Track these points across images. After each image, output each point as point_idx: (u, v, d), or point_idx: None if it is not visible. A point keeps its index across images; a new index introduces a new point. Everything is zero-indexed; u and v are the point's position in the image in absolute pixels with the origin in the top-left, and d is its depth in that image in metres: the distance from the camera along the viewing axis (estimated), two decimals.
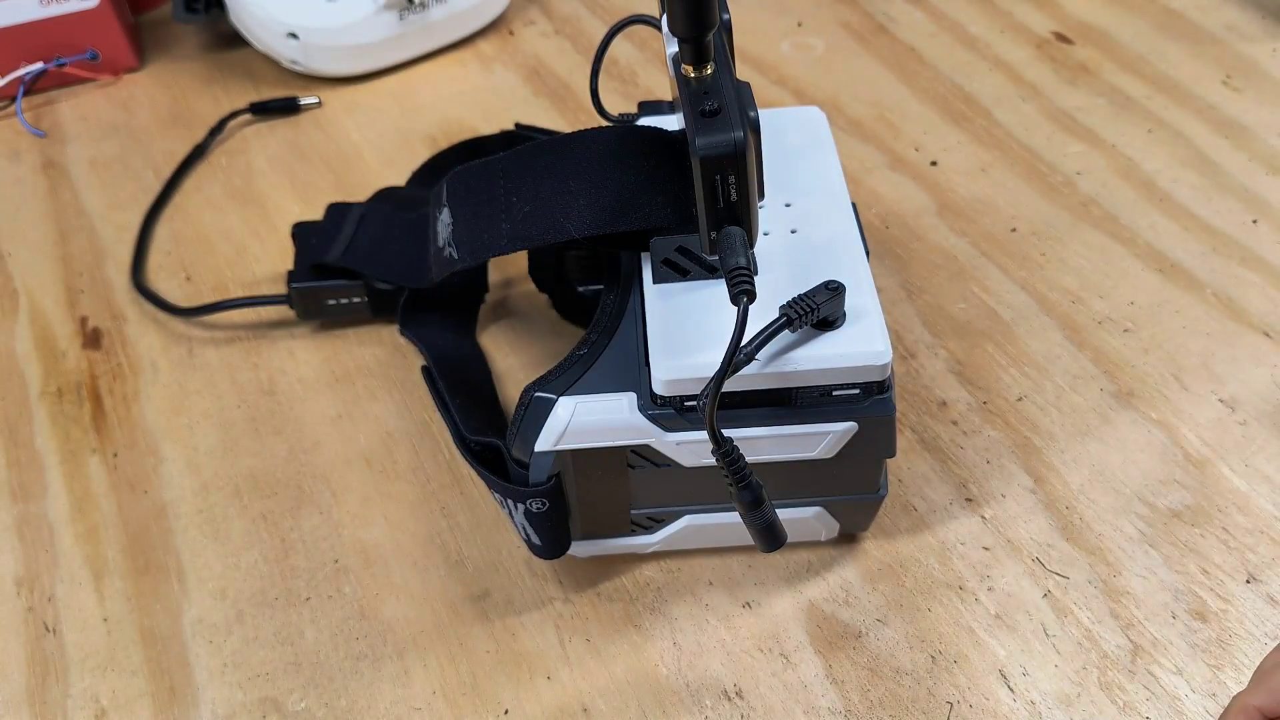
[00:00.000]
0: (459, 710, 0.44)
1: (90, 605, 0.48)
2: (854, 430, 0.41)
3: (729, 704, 0.44)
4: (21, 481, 0.53)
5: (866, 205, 0.64)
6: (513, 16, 0.81)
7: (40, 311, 0.61)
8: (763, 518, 0.39)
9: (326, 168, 0.69)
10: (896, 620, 0.46)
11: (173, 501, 0.52)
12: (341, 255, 0.57)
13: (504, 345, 0.58)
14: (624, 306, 0.44)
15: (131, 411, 0.56)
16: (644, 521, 0.46)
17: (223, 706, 0.45)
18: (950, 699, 0.43)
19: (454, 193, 0.48)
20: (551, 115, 0.72)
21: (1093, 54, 0.74)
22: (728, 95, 0.38)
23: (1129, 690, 0.43)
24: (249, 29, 0.74)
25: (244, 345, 0.59)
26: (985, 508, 0.50)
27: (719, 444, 0.37)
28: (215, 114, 0.73)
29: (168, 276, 0.63)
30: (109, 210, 0.67)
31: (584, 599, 0.47)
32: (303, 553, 0.50)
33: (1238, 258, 0.60)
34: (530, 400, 0.42)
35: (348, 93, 0.75)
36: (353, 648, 0.46)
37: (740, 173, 0.37)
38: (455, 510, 0.51)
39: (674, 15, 0.36)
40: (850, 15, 0.79)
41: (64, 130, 0.73)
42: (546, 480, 0.43)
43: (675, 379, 0.40)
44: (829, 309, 0.40)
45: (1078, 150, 0.67)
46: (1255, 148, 0.66)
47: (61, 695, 0.45)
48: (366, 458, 0.53)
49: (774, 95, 0.72)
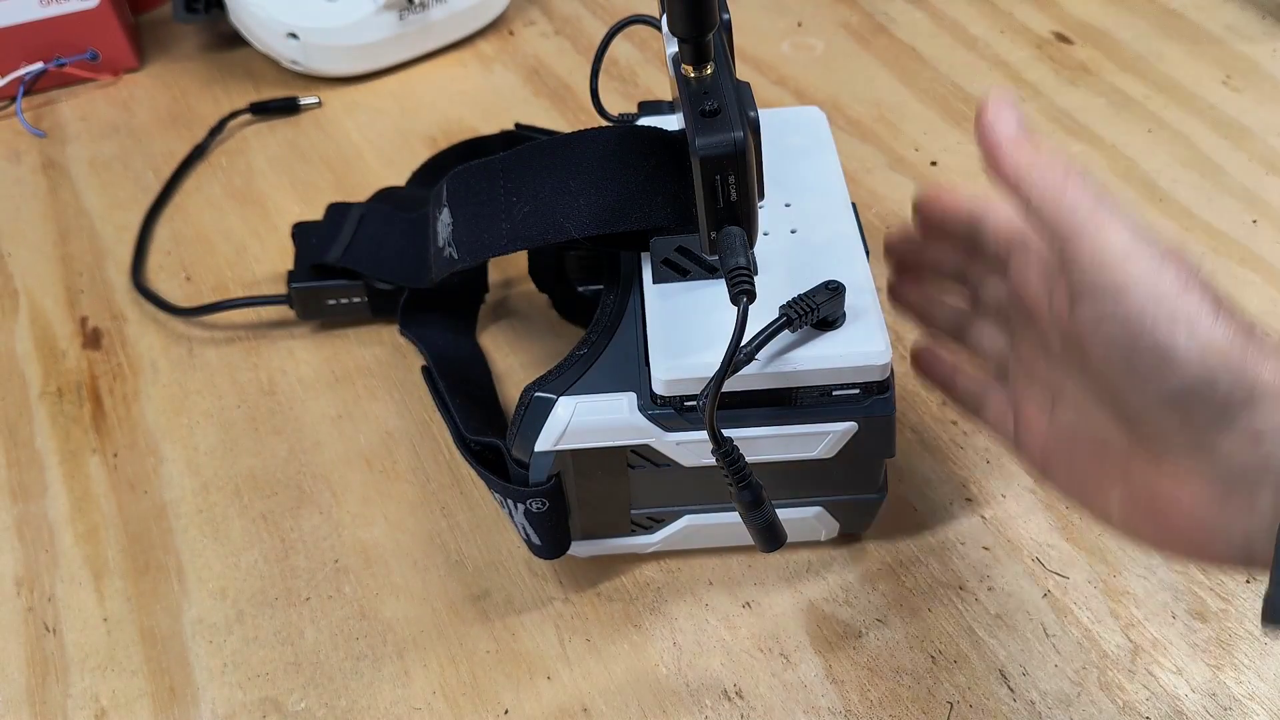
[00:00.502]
0: (459, 710, 0.44)
1: (90, 605, 0.48)
2: (854, 430, 0.41)
3: (729, 704, 0.44)
4: (21, 481, 0.53)
5: (866, 205, 0.64)
6: (513, 16, 0.81)
7: (40, 311, 0.61)
8: (763, 518, 0.39)
9: (326, 168, 0.69)
10: (896, 620, 0.46)
11: (173, 501, 0.52)
12: (341, 255, 0.57)
13: (504, 345, 0.58)
14: (624, 306, 0.44)
15: (131, 411, 0.56)
16: (644, 521, 0.46)
17: (223, 706, 0.45)
18: (950, 699, 0.43)
19: (454, 193, 0.48)
20: (551, 115, 0.72)
21: (1093, 54, 0.74)
22: (728, 95, 0.38)
23: (1129, 690, 0.43)
24: (249, 29, 0.74)
25: (244, 345, 0.59)
26: (985, 508, 0.50)
27: (719, 444, 0.37)
28: (215, 114, 0.73)
29: (168, 276, 0.63)
30: (109, 210, 0.67)
31: (584, 599, 0.47)
32: (303, 553, 0.50)
33: (1238, 258, 0.60)
34: (530, 400, 0.42)
35: (348, 93, 0.75)
36: (353, 648, 0.46)
37: (740, 173, 0.37)
38: (455, 510, 0.51)
39: (674, 15, 0.36)
40: (850, 15, 0.79)
41: (64, 130, 0.73)
42: (546, 480, 0.43)
43: (675, 379, 0.40)
44: (829, 309, 0.40)
45: (1078, 150, 0.67)
46: (1255, 148, 0.66)
47: (61, 695, 0.45)
48: (366, 458, 0.53)
49: (774, 95, 0.72)
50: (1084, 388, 0.36)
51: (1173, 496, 0.33)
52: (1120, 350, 0.32)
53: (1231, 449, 0.31)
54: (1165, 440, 0.33)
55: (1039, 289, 0.37)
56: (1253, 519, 0.31)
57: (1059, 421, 0.37)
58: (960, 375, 0.43)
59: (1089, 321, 0.33)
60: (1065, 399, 0.37)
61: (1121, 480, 0.35)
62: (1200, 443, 0.32)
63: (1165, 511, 0.33)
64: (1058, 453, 0.38)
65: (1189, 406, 0.31)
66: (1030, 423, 0.39)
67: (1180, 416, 0.32)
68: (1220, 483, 0.32)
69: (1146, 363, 0.32)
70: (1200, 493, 0.32)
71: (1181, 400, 0.31)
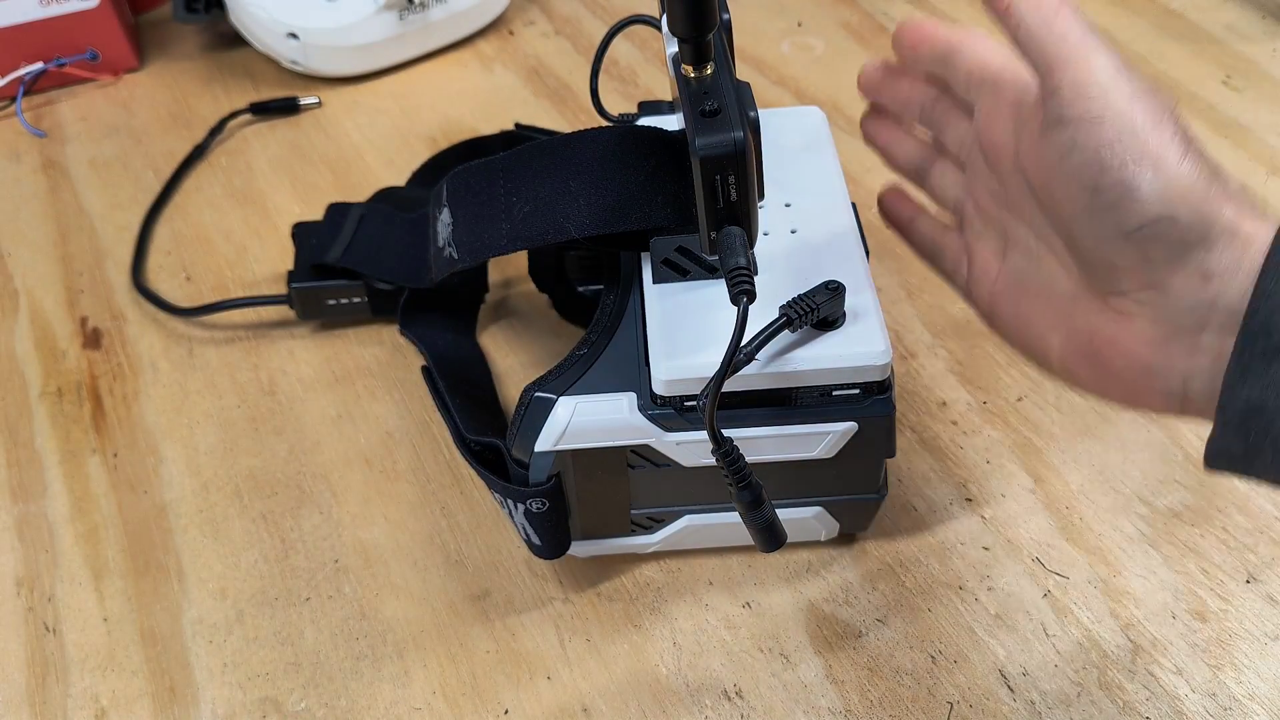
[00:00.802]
0: (459, 710, 0.44)
1: (90, 605, 0.48)
2: (854, 430, 0.41)
3: (729, 704, 0.44)
4: (21, 481, 0.53)
5: (866, 205, 0.64)
6: (513, 16, 0.81)
7: (40, 311, 0.61)
8: (763, 518, 0.39)
9: (326, 168, 0.69)
10: (896, 620, 0.46)
11: (173, 501, 0.52)
12: (341, 255, 0.57)
13: (504, 345, 0.58)
14: (624, 306, 0.44)
15: (131, 411, 0.56)
16: (644, 521, 0.46)
17: (223, 706, 0.45)
18: (950, 699, 0.43)
19: (454, 193, 0.48)
20: (551, 115, 0.72)
21: None
22: (728, 95, 0.38)
23: (1129, 690, 0.43)
24: (249, 29, 0.74)
25: (244, 345, 0.59)
26: (985, 508, 0.50)
27: (719, 444, 0.37)
28: (215, 114, 0.73)
29: (168, 276, 0.63)
30: (109, 210, 0.67)
31: (584, 599, 0.47)
32: (303, 553, 0.50)
33: None
34: (530, 400, 0.42)
35: (348, 93, 0.75)
36: (353, 648, 0.46)
37: (740, 173, 0.37)
38: (455, 510, 0.51)
39: (674, 15, 0.36)
40: (850, 15, 0.79)
41: (64, 130, 0.73)
42: (546, 480, 0.43)
43: (675, 379, 0.40)
44: (829, 309, 0.40)
45: None
46: (1255, 148, 0.66)
47: (61, 695, 0.45)
48: (366, 458, 0.53)
49: (774, 95, 0.72)
50: (1037, 233, 0.37)
51: (1113, 338, 0.34)
52: (1086, 181, 0.33)
53: (1181, 288, 0.32)
54: (1116, 278, 0.33)
55: (1005, 128, 0.38)
56: (1193, 360, 0.32)
57: (1009, 266, 0.39)
58: (919, 220, 0.44)
59: (1058, 152, 0.34)
60: (1017, 244, 0.38)
61: (1064, 323, 0.36)
62: (1151, 280, 0.32)
63: (1104, 353, 0.34)
64: (1004, 297, 0.39)
65: (1146, 242, 0.32)
66: (982, 267, 0.40)
67: (1136, 252, 0.32)
68: (1165, 322, 0.32)
69: (1109, 197, 0.32)
70: (1143, 333, 0.33)
71: (1139, 235, 0.32)
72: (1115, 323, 0.34)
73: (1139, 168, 0.32)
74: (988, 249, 0.40)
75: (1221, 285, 0.31)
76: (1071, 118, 0.33)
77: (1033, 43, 0.34)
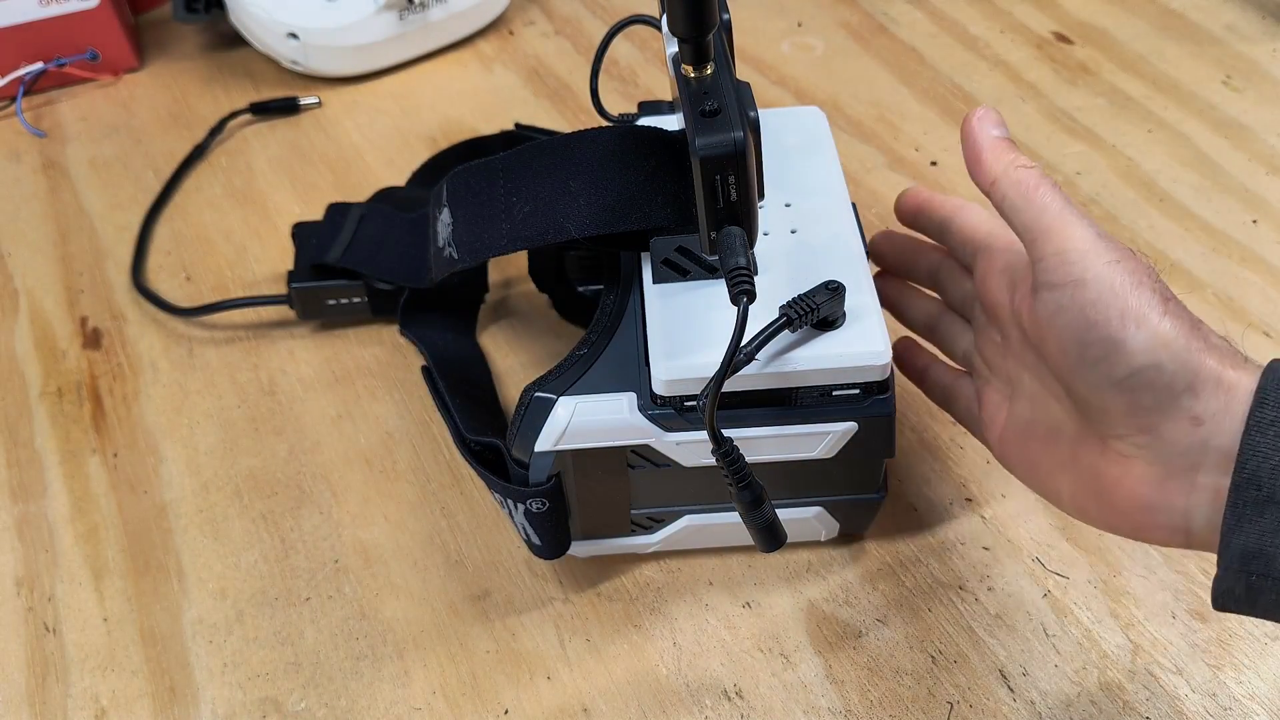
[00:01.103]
0: (459, 710, 0.44)
1: (90, 605, 0.48)
2: (854, 430, 0.41)
3: (729, 704, 0.44)
4: (21, 481, 0.53)
5: (866, 205, 0.64)
6: (513, 16, 0.81)
7: (40, 311, 0.61)
8: (763, 518, 0.39)
9: (326, 168, 0.69)
10: (896, 620, 0.46)
11: (173, 501, 0.52)
12: (341, 255, 0.57)
13: (504, 345, 0.58)
14: (624, 306, 0.44)
15: (131, 411, 0.56)
16: (644, 521, 0.46)
17: (223, 706, 0.45)
18: (950, 699, 0.43)
19: (454, 193, 0.48)
20: (551, 115, 0.72)
21: (1093, 54, 0.74)
22: (728, 95, 0.38)
23: (1129, 690, 0.43)
24: (249, 29, 0.74)
25: (244, 345, 0.59)
26: (985, 508, 0.50)
27: (719, 444, 0.37)
28: (215, 114, 0.73)
29: (168, 276, 0.63)
30: (109, 210, 0.67)
31: (584, 599, 0.47)
32: (303, 553, 0.50)
33: (1238, 258, 0.60)
34: (530, 400, 0.42)
35: (348, 93, 0.75)
36: (353, 648, 0.46)
37: (740, 173, 0.37)
38: (455, 510, 0.51)
39: (674, 15, 0.36)
40: (850, 15, 0.79)
41: (64, 130, 0.73)
42: (546, 480, 0.43)
43: (675, 379, 0.40)
44: (829, 309, 0.40)
45: (1077, 150, 0.67)
46: (1255, 148, 0.66)
47: (61, 695, 0.45)
48: (366, 458, 0.53)
49: (774, 95, 0.72)
50: (1039, 380, 0.39)
51: (1116, 479, 0.36)
52: (1075, 338, 0.35)
53: (1173, 432, 0.34)
54: (1112, 424, 0.35)
55: (1000, 287, 0.41)
56: (1191, 497, 0.34)
57: (1016, 413, 0.41)
58: (932, 369, 0.46)
59: (1049, 312, 0.36)
60: (1022, 392, 0.40)
61: (1071, 465, 0.38)
62: (1144, 425, 0.34)
63: (1110, 492, 0.36)
64: (1014, 441, 0.41)
65: (1135, 390, 0.34)
66: (991, 413, 0.42)
67: (1127, 400, 0.34)
68: (1161, 464, 0.34)
69: (1098, 351, 0.34)
70: (1142, 474, 0.35)
71: (1129, 385, 0.34)
72: (1117, 464, 0.36)
73: (1123, 323, 0.34)
74: (996, 396, 0.42)
75: (1212, 427, 0.33)
76: (1057, 283, 0.35)
77: (1017, 215, 0.37)
